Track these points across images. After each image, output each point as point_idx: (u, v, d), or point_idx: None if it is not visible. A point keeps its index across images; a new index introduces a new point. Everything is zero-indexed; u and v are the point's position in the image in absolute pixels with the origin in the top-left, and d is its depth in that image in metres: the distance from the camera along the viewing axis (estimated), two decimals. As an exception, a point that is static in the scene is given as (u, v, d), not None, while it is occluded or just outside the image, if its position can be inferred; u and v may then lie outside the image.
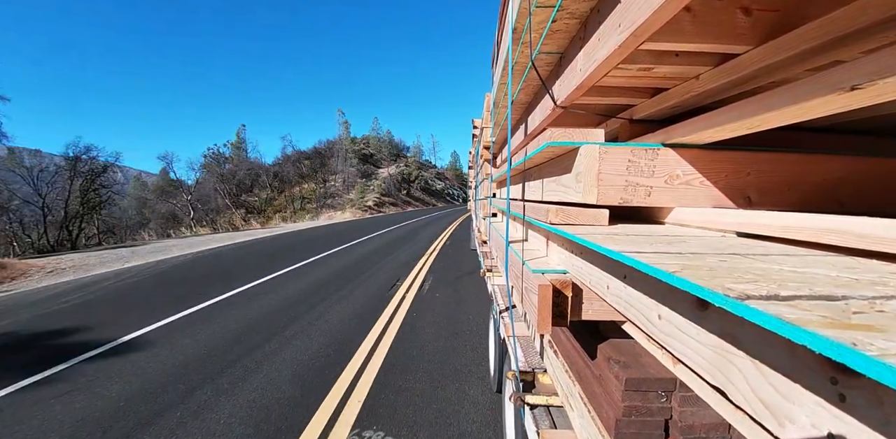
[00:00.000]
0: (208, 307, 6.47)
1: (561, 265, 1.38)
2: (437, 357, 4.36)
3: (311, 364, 4.21)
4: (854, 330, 0.34)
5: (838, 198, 1.22)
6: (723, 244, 0.81)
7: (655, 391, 0.96)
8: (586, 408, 1.15)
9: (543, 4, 1.12)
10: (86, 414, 3.34)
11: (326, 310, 6.10)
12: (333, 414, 3.28)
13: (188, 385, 3.81)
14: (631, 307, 0.87)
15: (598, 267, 1.04)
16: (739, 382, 0.53)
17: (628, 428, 0.96)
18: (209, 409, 3.37)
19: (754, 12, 0.90)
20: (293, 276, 8.79)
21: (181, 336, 5.15)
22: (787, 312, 0.39)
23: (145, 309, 6.48)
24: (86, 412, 3.38)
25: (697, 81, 1.15)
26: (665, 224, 1.22)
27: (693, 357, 0.64)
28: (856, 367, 0.30)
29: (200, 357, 4.45)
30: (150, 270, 10.45)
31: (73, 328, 5.65)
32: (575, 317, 1.20)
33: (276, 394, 3.58)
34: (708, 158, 1.18)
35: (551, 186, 1.52)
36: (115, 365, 4.31)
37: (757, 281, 0.51)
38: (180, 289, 7.88)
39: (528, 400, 1.68)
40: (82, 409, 3.43)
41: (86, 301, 7.29)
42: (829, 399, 0.39)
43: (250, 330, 5.26)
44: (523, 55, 1.50)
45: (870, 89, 0.60)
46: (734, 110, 0.91)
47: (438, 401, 3.45)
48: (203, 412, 3.33)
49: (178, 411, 3.35)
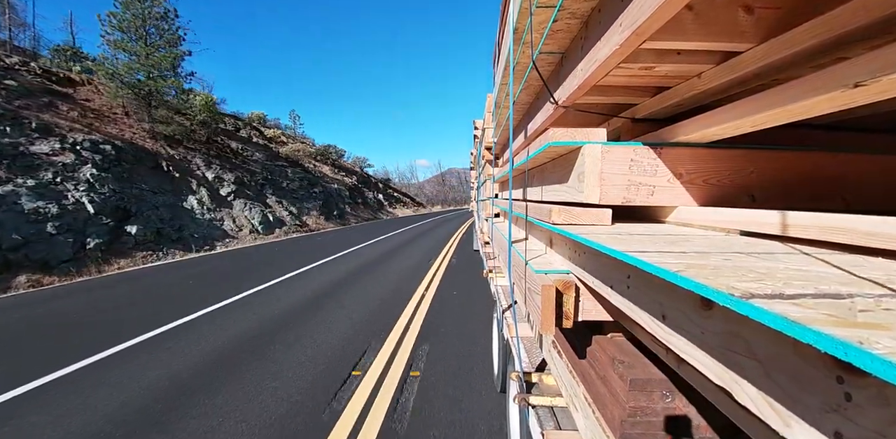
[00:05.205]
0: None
1: (564, 265, 1.38)
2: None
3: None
4: (860, 328, 0.34)
5: (843, 196, 1.21)
6: (726, 243, 0.81)
7: (660, 391, 0.96)
8: (591, 409, 1.15)
9: (544, 4, 1.12)
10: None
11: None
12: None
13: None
14: (635, 307, 0.87)
15: (601, 267, 1.04)
16: (745, 382, 0.53)
17: (633, 429, 0.95)
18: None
19: (756, 10, 0.90)
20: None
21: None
22: (792, 311, 0.38)
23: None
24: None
25: (700, 80, 1.14)
26: (668, 223, 1.22)
27: (698, 357, 0.63)
28: (862, 366, 0.30)
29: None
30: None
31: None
32: (578, 318, 1.20)
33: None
34: (711, 157, 1.18)
35: (553, 186, 1.52)
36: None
37: (761, 280, 0.50)
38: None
39: (533, 401, 1.67)
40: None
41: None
42: (835, 398, 0.39)
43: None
44: (524, 55, 1.50)
45: (873, 86, 0.59)
46: (737, 108, 0.91)
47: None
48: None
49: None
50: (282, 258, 11.03)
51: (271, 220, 17.88)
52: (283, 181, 23.13)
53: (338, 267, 9.42)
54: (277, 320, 5.35)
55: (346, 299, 6.43)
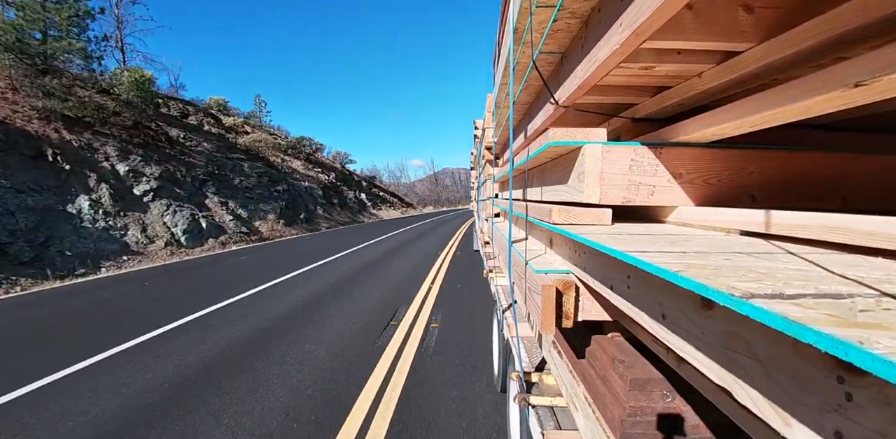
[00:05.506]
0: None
1: (564, 265, 1.38)
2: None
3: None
4: (861, 328, 0.34)
5: (843, 196, 1.21)
6: (727, 243, 0.81)
7: (660, 391, 0.96)
8: (591, 409, 1.15)
9: (544, 4, 1.12)
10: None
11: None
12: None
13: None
14: (635, 307, 0.87)
15: (601, 266, 1.04)
16: (745, 382, 0.53)
17: (633, 429, 0.95)
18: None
19: (756, 10, 0.90)
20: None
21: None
22: (792, 311, 0.38)
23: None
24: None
25: (700, 79, 1.14)
26: (668, 223, 1.22)
27: (698, 356, 0.63)
28: (863, 366, 0.30)
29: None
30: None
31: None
32: (578, 318, 1.20)
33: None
34: (711, 157, 1.18)
35: (553, 186, 1.52)
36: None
37: (762, 279, 0.50)
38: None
39: (533, 401, 1.68)
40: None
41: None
42: (836, 398, 0.39)
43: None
44: (524, 55, 1.50)
45: (874, 86, 0.59)
46: (737, 108, 0.91)
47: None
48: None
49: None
50: (134, 303, 6.42)
51: (204, 228, 13.95)
52: (236, 177, 18.93)
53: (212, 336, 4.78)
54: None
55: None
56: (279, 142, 29.21)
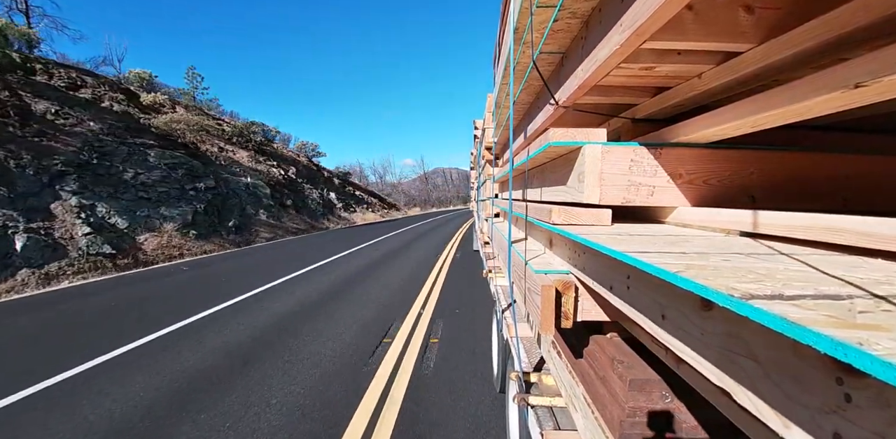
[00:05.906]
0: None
1: (563, 265, 1.37)
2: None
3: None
4: (860, 329, 0.34)
5: (843, 197, 1.21)
6: (726, 244, 0.81)
7: (659, 392, 0.96)
8: (590, 409, 1.15)
9: (545, 4, 1.12)
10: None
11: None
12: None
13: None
14: (634, 307, 0.87)
15: (601, 267, 1.04)
16: (744, 383, 0.53)
17: (632, 429, 0.95)
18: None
19: (756, 10, 0.89)
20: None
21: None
22: (791, 312, 0.38)
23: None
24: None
25: (700, 80, 1.14)
26: (667, 224, 1.22)
27: (697, 357, 0.63)
28: (862, 367, 0.30)
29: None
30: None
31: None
32: (578, 318, 1.20)
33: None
34: (711, 157, 1.18)
35: (553, 186, 1.51)
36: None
37: (761, 280, 0.50)
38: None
39: (532, 401, 1.67)
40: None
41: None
42: (835, 399, 0.39)
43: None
44: (525, 55, 1.50)
45: (874, 87, 0.59)
46: (737, 109, 0.91)
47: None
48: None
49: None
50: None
51: (18, 249, 8.55)
52: (129, 169, 13.76)
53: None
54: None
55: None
56: (221, 128, 23.69)
